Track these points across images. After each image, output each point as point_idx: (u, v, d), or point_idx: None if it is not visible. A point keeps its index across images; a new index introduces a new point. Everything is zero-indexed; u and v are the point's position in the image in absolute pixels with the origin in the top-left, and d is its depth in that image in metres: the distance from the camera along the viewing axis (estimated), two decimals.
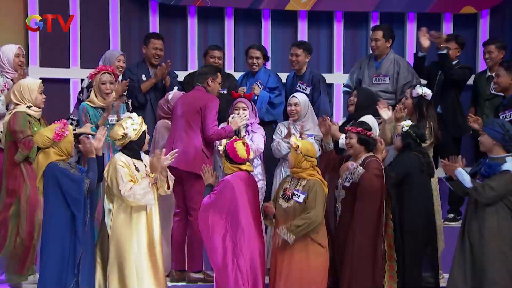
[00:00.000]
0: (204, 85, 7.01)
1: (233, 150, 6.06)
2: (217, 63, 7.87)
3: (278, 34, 9.44)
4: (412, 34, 9.47)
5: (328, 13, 9.50)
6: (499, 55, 7.85)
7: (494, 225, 5.90)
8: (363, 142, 6.28)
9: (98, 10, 9.11)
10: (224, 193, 6.03)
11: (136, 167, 5.95)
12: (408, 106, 6.88)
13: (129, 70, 7.95)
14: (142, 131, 5.99)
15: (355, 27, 9.33)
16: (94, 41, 8.96)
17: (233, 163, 6.11)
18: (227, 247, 5.98)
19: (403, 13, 9.55)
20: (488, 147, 6.03)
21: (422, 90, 6.88)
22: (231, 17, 9.35)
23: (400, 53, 9.58)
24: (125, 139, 5.94)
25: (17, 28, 8.77)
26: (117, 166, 5.85)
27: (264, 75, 7.91)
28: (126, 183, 5.80)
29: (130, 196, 5.79)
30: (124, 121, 5.96)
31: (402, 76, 7.79)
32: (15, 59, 7.23)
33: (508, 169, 5.88)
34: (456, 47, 7.95)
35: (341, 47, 9.46)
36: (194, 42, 9.22)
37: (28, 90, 6.51)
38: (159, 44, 8.00)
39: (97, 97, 6.92)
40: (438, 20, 9.56)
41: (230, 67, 9.31)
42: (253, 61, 7.93)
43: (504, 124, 6.04)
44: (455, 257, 6.10)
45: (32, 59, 8.87)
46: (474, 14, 9.55)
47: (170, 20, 9.33)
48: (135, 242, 5.86)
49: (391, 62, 7.89)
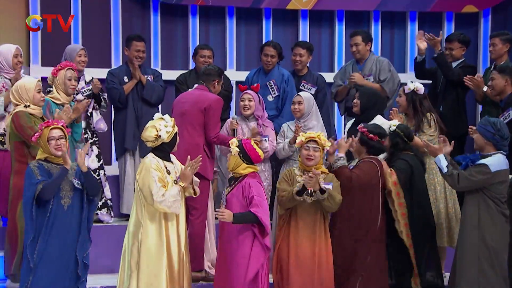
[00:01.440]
0: (209, 86, 7.00)
1: (253, 151, 6.00)
2: (207, 62, 7.88)
3: (280, 33, 9.43)
4: (413, 33, 9.46)
5: (330, 12, 9.50)
6: (503, 48, 7.82)
7: (474, 217, 5.98)
8: (363, 143, 6.30)
9: (100, 9, 9.10)
10: (253, 194, 5.94)
11: (167, 170, 5.92)
12: (402, 104, 6.96)
13: (111, 74, 7.98)
14: (174, 133, 5.95)
15: (357, 26, 9.29)
16: (95, 41, 8.95)
17: (251, 164, 6.03)
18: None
19: (404, 12, 9.55)
20: (480, 145, 6.10)
21: (414, 85, 6.93)
22: (232, 16, 9.35)
23: (401, 52, 9.63)
24: (158, 141, 5.89)
25: (19, 28, 8.75)
26: (150, 169, 5.80)
27: (278, 74, 7.89)
28: (160, 188, 5.75)
29: (162, 203, 5.74)
30: (157, 122, 5.91)
31: (382, 73, 7.92)
32: (13, 59, 7.24)
33: (484, 163, 5.96)
34: (459, 46, 7.94)
35: (342, 46, 9.46)
36: (195, 41, 9.20)
37: (26, 89, 6.49)
38: (141, 46, 7.99)
39: (60, 94, 6.90)
40: (440, 19, 9.57)
41: (231, 66, 9.31)
42: (267, 59, 7.91)
43: (495, 123, 6.07)
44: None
45: (34, 59, 8.86)
46: (476, 13, 9.56)
47: (172, 19, 9.32)
48: (164, 250, 5.83)
49: (373, 61, 8.00)
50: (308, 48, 8.00)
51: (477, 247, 5.96)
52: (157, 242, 5.82)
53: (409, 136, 6.47)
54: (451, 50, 7.92)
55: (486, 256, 5.93)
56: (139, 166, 5.99)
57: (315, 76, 8.08)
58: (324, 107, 7.97)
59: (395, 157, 6.45)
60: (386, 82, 7.87)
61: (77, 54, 7.69)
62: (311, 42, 8.75)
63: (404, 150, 6.45)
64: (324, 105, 7.98)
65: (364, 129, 6.32)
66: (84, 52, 7.76)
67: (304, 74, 8.04)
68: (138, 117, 7.85)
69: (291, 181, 6.10)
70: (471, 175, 5.97)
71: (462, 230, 6.10)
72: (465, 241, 6.01)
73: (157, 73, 8.18)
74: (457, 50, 7.93)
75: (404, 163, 6.36)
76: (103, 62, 8.92)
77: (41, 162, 5.79)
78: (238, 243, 5.91)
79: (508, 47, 7.84)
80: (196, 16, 9.29)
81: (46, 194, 5.66)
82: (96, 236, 7.17)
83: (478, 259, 5.94)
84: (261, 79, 7.84)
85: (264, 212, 5.84)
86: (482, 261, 5.93)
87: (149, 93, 7.88)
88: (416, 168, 6.39)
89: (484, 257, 5.93)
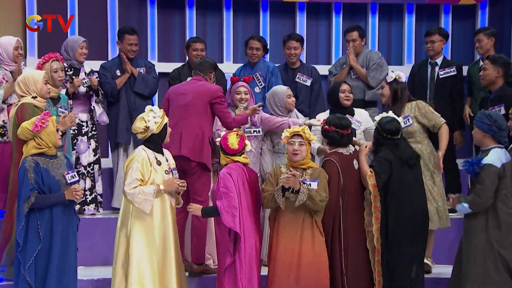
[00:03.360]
0: (206, 77, 7.00)
1: (225, 141, 6.07)
2: (199, 55, 7.88)
3: (277, 25, 9.44)
4: (411, 26, 9.46)
5: (327, 5, 9.50)
6: (489, 42, 7.84)
7: (482, 220, 5.91)
8: (323, 135, 6.31)
9: (96, 1, 9.10)
10: (220, 186, 6.01)
11: (158, 161, 5.95)
12: (385, 94, 6.91)
13: (104, 67, 7.99)
14: (164, 123, 5.97)
15: (354, 19, 9.31)
16: (92, 33, 8.92)
17: (226, 154, 6.10)
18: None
19: (402, 5, 9.54)
20: (478, 140, 6.03)
21: (396, 73, 6.88)
22: (229, 8, 9.35)
23: (399, 44, 9.61)
24: (147, 132, 5.92)
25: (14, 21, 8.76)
26: (134, 160, 5.85)
27: (264, 67, 7.92)
28: (134, 180, 5.80)
29: (129, 195, 5.79)
30: (146, 114, 5.94)
31: (371, 62, 7.96)
32: (14, 51, 7.24)
33: (487, 163, 5.87)
34: (440, 39, 7.94)
35: (339, 39, 9.45)
36: (192, 33, 9.20)
37: (33, 80, 6.48)
38: (134, 39, 7.98)
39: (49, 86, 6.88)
40: (437, 12, 9.55)
41: (228, 59, 9.32)
42: (252, 52, 7.94)
43: (491, 114, 6.00)
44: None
45: (30, 51, 8.89)
46: (473, 5, 9.54)
47: (169, 11, 9.33)
48: (151, 242, 5.88)
49: (366, 55, 8.04)
50: (300, 40, 8.05)
51: (483, 250, 5.89)
52: (145, 233, 5.86)
53: (387, 130, 6.22)
54: (432, 44, 7.91)
55: (492, 258, 5.86)
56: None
57: (309, 68, 8.12)
58: (320, 99, 8.03)
59: (376, 154, 6.32)
60: (372, 69, 7.89)
61: (79, 46, 7.71)
62: (308, 34, 8.78)
63: (386, 145, 6.24)
64: (319, 96, 8.03)
65: (322, 122, 6.33)
66: (85, 44, 7.77)
67: (298, 66, 8.07)
68: (131, 111, 7.86)
69: (276, 179, 6.06)
70: (483, 183, 5.83)
71: (468, 232, 5.97)
72: (471, 243, 5.93)
73: (150, 64, 8.17)
74: (438, 43, 7.92)
75: (381, 163, 6.17)
76: (100, 54, 8.91)
77: (36, 160, 5.74)
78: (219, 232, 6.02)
79: (493, 40, 7.86)
80: (193, 9, 9.29)
81: (37, 205, 5.68)
82: (91, 228, 7.27)
83: (484, 262, 5.87)
84: (248, 73, 7.84)
85: (228, 204, 5.87)
86: (488, 264, 5.87)
87: (141, 86, 7.89)
88: (394, 166, 6.16)
89: (491, 260, 5.87)
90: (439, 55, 7.97)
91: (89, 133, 7.70)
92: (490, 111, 6.15)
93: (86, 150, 7.69)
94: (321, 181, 5.96)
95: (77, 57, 7.68)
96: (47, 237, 5.71)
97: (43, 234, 5.70)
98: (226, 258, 5.93)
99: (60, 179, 5.76)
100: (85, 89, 7.65)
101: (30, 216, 5.70)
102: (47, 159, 5.80)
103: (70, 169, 5.90)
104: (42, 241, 5.69)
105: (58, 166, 5.81)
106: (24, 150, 5.80)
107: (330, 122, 6.27)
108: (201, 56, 7.85)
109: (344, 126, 6.24)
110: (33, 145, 5.79)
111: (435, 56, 7.96)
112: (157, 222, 5.93)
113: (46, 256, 5.71)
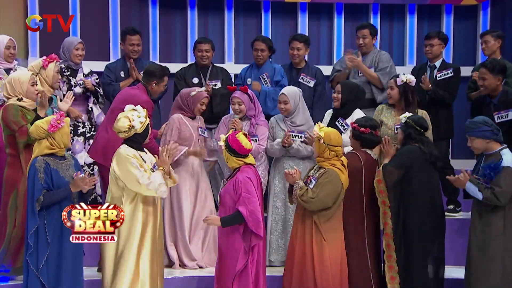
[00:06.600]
0: (147, 86, 6.92)
1: (236, 142, 5.93)
2: (205, 56, 7.87)
3: (278, 26, 9.42)
4: (412, 26, 9.46)
5: (329, 5, 9.49)
6: (496, 44, 7.83)
7: (500, 225, 5.90)
8: (356, 138, 6.33)
9: (98, 1, 9.09)
10: (241, 191, 5.91)
11: (143, 159, 5.90)
12: (394, 96, 6.90)
13: (108, 68, 7.97)
14: (147, 123, 5.93)
15: (356, 19, 9.29)
16: (94, 33, 8.94)
17: (239, 156, 5.97)
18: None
19: (403, 5, 9.53)
20: (482, 148, 6.00)
21: (406, 77, 6.88)
22: (231, 8, 9.34)
23: (400, 45, 9.61)
24: (130, 131, 5.85)
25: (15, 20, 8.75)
26: (128, 157, 5.78)
27: (270, 68, 7.90)
28: (142, 173, 5.74)
29: (149, 185, 5.72)
30: (130, 113, 5.88)
31: (381, 63, 7.96)
32: (5, 50, 7.27)
33: (507, 165, 5.86)
34: (439, 43, 7.94)
35: (341, 39, 9.45)
36: (194, 33, 9.19)
37: (19, 82, 6.43)
38: (136, 40, 7.96)
39: (44, 86, 6.82)
40: (439, 12, 9.55)
41: (230, 59, 9.31)
42: (257, 53, 7.91)
43: (485, 120, 6.01)
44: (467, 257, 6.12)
45: (32, 51, 8.88)
46: (475, 6, 9.53)
47: (170, 11, 9.32)
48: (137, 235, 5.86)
49: (376, 54, 8.04)
50: (305, 41, 8.00)
51: (501, 255, 5.88)
52: (130, 226, 5.83)
53: (421, 125, 6.31)
54: (431, 47, 7.91)
55: (511, 263, 5.88)
56: (113, 158, 5.89)
57: (314, 69, 8.08)
58: (323, 100, 8.00)
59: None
60: (385, 73, 7.86)
61: (74, 48, 7.64)
62: (310, 35, 8.74)
63: (416, 141, 6.27)
64: (323, 97, 8.00)
65: (355, 124, 6.32)
66: (82, 46, 7.70)
67: (302, 67, 8.04)
68: None
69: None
70: (504, 185, 5.82)
71: (486, 237, 5.94)
72: (489, 248, 5.91)
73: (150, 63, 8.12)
74: (436, 47, 7.92)
75: (401, 158, 6.23)
76: (101, 55, 8.91)
77: (46, 160, 5.70)
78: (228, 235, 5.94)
79: (500, 43, 7.85)
80: (195, 9, 9.28)
81: (45, 204, 5.65)
82: None
83: (503, 267, 5.87)
84: (254, 74, 7.84)
85: (252, 209, 5.82)
86: (507, 269, 5.88)
87: None
88: (416, 159, 6.20)
89: (509, 265, 5.88)
90: (438, 58, 7.97)
91: (86, 134, 7.66)
92: (480, 118, 6.10)
93: (82, 150, 7.65)
94: (320, 182, 5.95)
95: (72, 59, 7.62)
96: (56, 236, 5.68)
97: (52, 234, 5.67)
98: (239, 261, 5.87)
99: (69, 180, 5.73)
100: (81, 90, 7.61)
101: (39, 217, 5.67)
102: (56, 160, 5.75)
103: (79, 170, 5.87)
104: (51, 241, 5.66)
105: (67, 167, 5.78)
106: (36, 149, 5.73)
107: (364, 124, 6.31)
108: (207, 57, 7.86)
109: (376, 126, 6.39)
110: (46, 145, 5.72)
111: (434, 59, 7.95)
112: (145, 216, 5.89)
113: (57, 255, 5.68)
